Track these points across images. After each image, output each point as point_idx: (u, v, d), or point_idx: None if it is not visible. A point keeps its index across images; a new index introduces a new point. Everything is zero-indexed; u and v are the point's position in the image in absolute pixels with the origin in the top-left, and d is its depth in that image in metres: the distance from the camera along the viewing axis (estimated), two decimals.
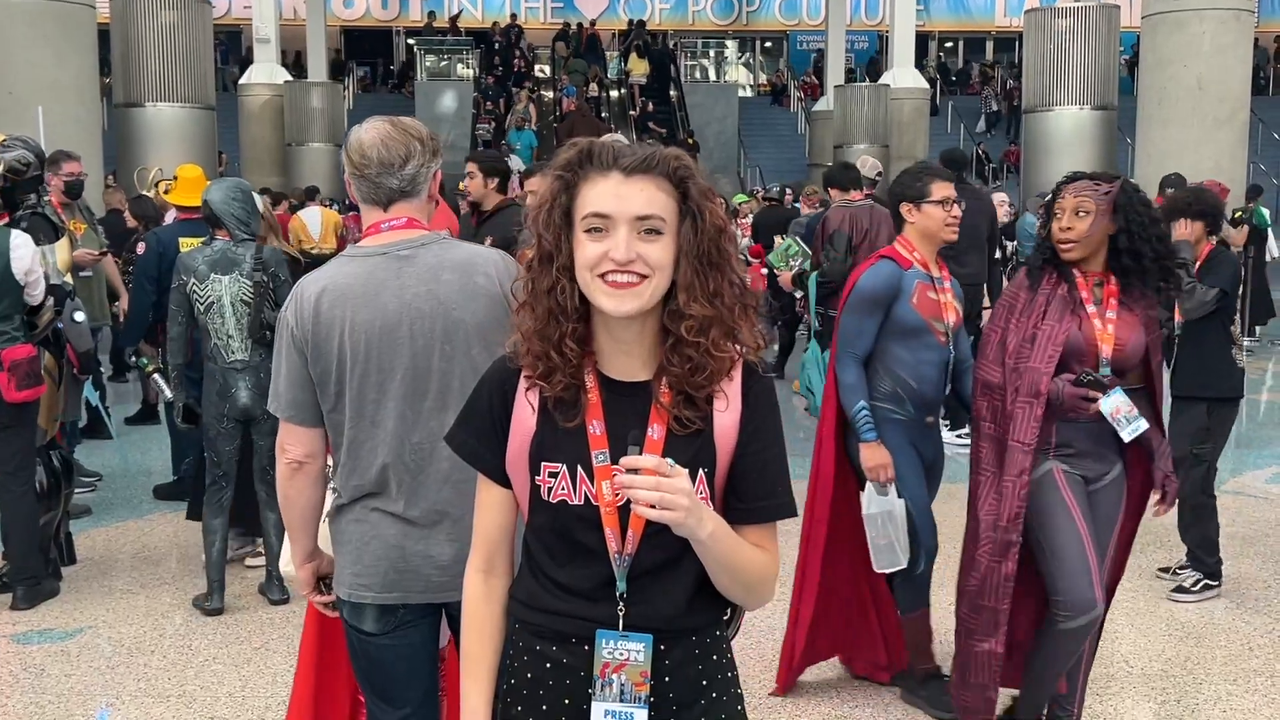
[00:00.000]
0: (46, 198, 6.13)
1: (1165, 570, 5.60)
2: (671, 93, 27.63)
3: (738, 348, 1.75)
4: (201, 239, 5.29)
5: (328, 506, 2.65)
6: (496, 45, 28.95)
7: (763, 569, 1.78)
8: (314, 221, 12.94)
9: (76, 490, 6.07)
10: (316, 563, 2.69)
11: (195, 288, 4.91)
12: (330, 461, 2.62)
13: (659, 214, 1.69)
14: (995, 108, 29.61)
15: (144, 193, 11.25)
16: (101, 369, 7.68)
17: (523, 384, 1.79)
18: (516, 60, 28.45)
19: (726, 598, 1.80)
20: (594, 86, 27.19)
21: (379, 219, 2.57)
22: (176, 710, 4.18)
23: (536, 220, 1.74)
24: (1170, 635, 4.86)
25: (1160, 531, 6.08)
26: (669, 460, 1.63)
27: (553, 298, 1.71)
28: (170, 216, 7.09)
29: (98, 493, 7.08)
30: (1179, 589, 5.34)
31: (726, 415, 1.76)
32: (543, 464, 1.75)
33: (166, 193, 6.89)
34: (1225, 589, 5.48)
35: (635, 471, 1.60)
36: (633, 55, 29.11)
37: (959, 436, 7.62)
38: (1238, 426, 9.27)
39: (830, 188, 8.00)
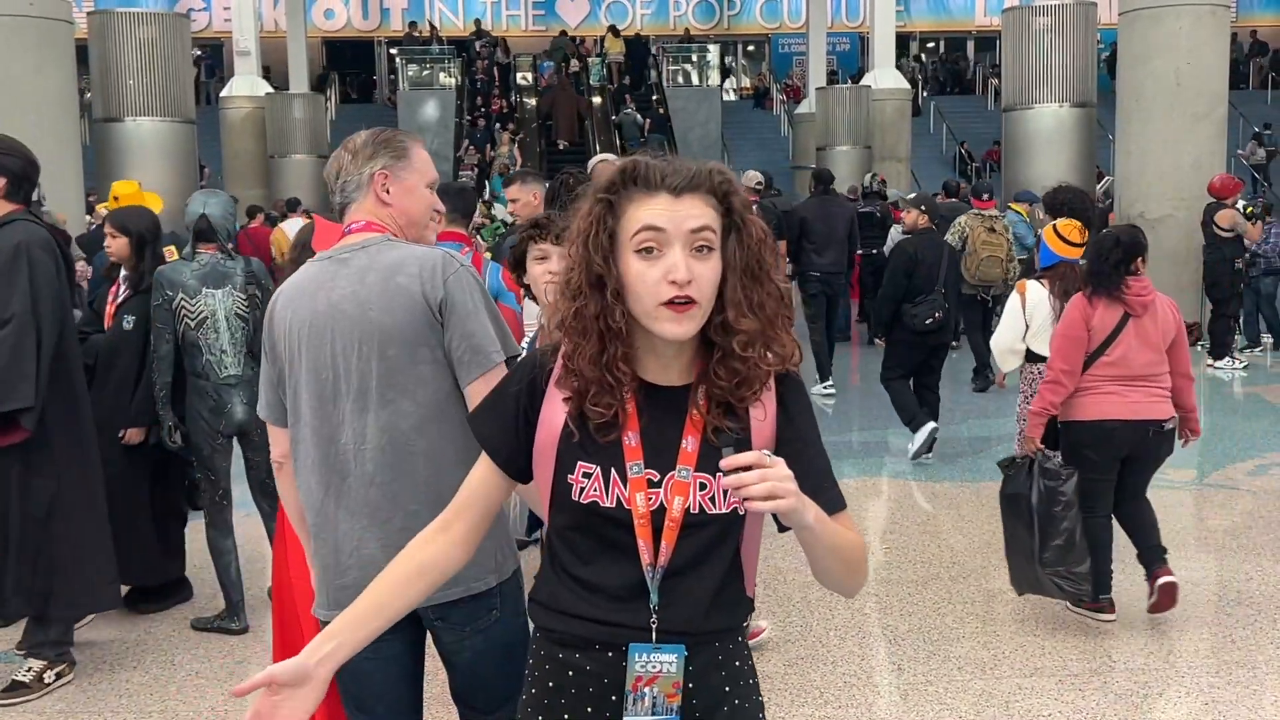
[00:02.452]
0: (45, 207, 6.11)
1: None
2: (651, 77, 27.82)
3: (773, 357, 1.74)
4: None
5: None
6: (478, 51, 28.87)
7: (860, 547, 1.78)
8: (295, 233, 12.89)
9: None
10: None
11: (185, 303, 4.83)
12: None
13: (709, 225, 1.69)
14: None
15: (99, 208, 11.22)
16: None
17: (555, 379, 1.77)
18: (486, 65, 28.26)
19: (827, 584, 1.80)
20: (574, 62, 27.38)
21: (341, 227, 2.67)
22: None
23: (585, 244, 1.70)
24: (1152, 628, 4.88)
25: None
26: (766, 451, 1.62)
27: (603, 322, 1.69)
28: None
29: None
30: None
31: (765, 424, 1.77)
32: (577, 463, 1.74)
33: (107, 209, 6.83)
34: (1208, 580, 5.50)
35: (737, 471, 1.59)
36: (608, 36, 29.58)
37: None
38: (1221, 418, 9.31)
39: None
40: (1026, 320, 5.79)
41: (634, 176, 1.71)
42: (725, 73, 31.69)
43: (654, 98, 27.70)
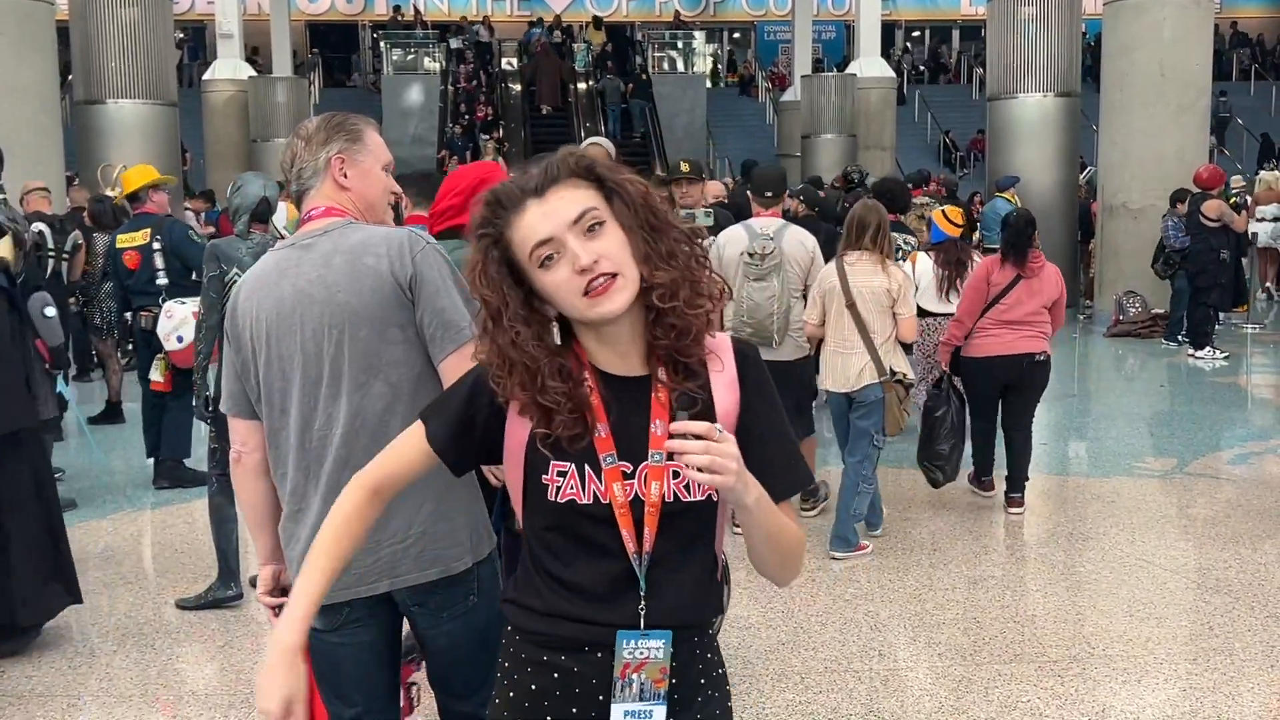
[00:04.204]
0: (2, 197, 6.06)
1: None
2: (637, 63, 27.96)
3: (702, 300, 1.72)
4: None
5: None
6: (461, 52, 28.56)
7: (798, 539, 1.80)
8: (280, 217, 12.84)
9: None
10: (278, 566, 2.65)
11: (239, 278, 4.81)
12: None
13: (590, 206, 1.68)
14: None
15: (108, 192, 11.16)
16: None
17: (520, 416, 1.75)
18: (470, 70, 27.95)
19: (761, 570, 1.82)
20: (557, 33, 27.46)
21: (302, 214, 2.63)
22: (139, 710, 4.15)
23: (476, 282, 1.71)
24: (1131, 616, 4.91)
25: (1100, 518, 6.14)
26: (718, 425, 1.63)
27: (519, 349, 1.68)
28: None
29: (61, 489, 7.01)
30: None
31: (726, 393, 1.76)
32: (550, 463, 1.73)
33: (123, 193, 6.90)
34: (1187, 568, 5.54)
35: (685, 438, 1.59)
36: (589, 27, 29.68)
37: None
38: (1201, 407, 9.36)
39: None
40: (915, 282, 7.04)
41: (498, 202, 1.71)
42: (730, 64, 31.95)
43: (641, 76, 27.83)
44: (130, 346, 8.21)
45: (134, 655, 4.64)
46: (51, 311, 5.61)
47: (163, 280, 6.92)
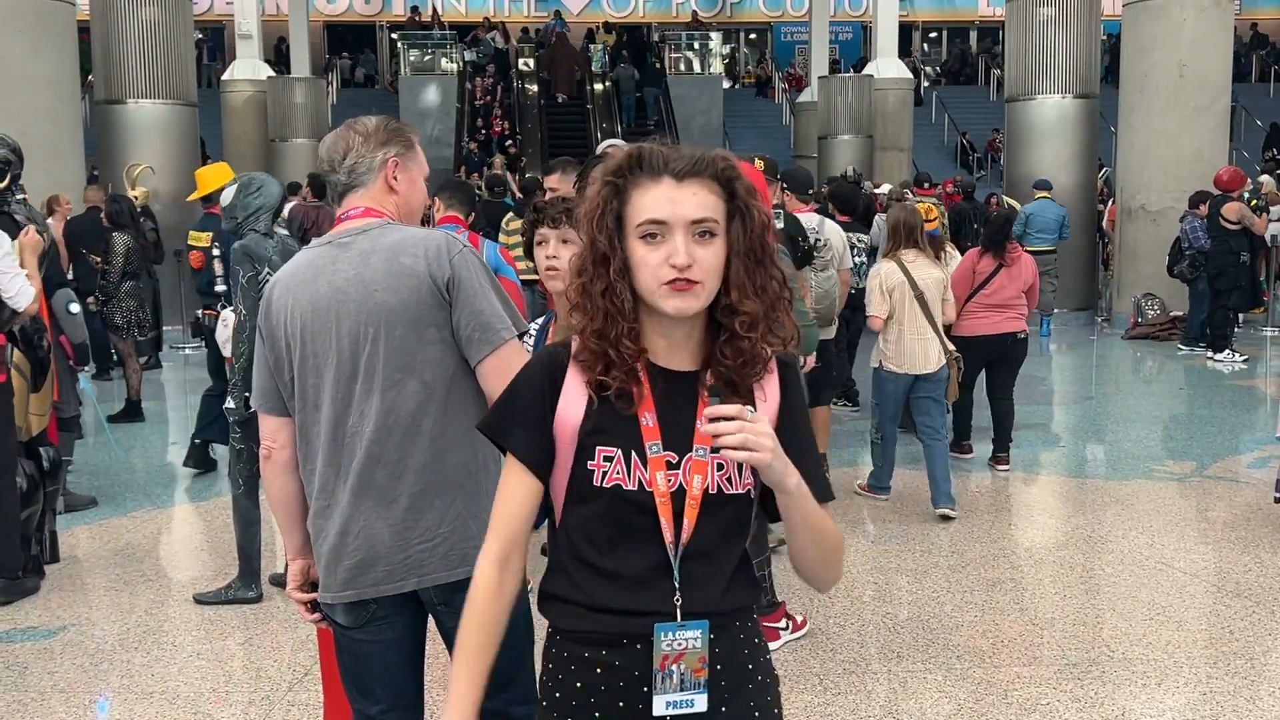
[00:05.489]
0: (21, 196, 6.10)
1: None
2: (654, 64, 28.05)
3: (774, 339, 1.79)
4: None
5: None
6: (479, 54, 28.48)
7: (838, 540, 1.83)
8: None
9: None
10: (307, 560, 2.67)
11: (270, 278, 4.82)
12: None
13: (712, 216, 1.73)
14: None
15: (133, 193, 11.24)
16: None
17: (573, 370, 1.80)
18: (487, 84, 27.72)
19: (802, 569, 1.84)
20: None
21: (339, 213, 2.64)
22: (160, 707, 4.18)
23: (590, 225, 1.76)
24: (1151, 619, 4.89)
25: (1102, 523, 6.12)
26: (750, 407, 1.68)
27: (608, 299, 1.74)
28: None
29: (82, 486, 7.06)
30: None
31: (768, 407, 1.81)
32: (598, 448, 1.76)
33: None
34: (1207, 572, 5.51)
35: (718, 421, 1.65)
36: (600, 31, 30.05)
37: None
38: (1221, 410, 9.32)
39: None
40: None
41: (639, 162, 1.75)
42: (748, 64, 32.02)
43: (655, 65, 27.99)
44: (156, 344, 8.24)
45: (155, 653, 4.66)
46: (75, 308, 5.67)
47: (221, 287, 6.91)
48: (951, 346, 6.46)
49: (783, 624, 4.65)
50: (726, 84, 29.13)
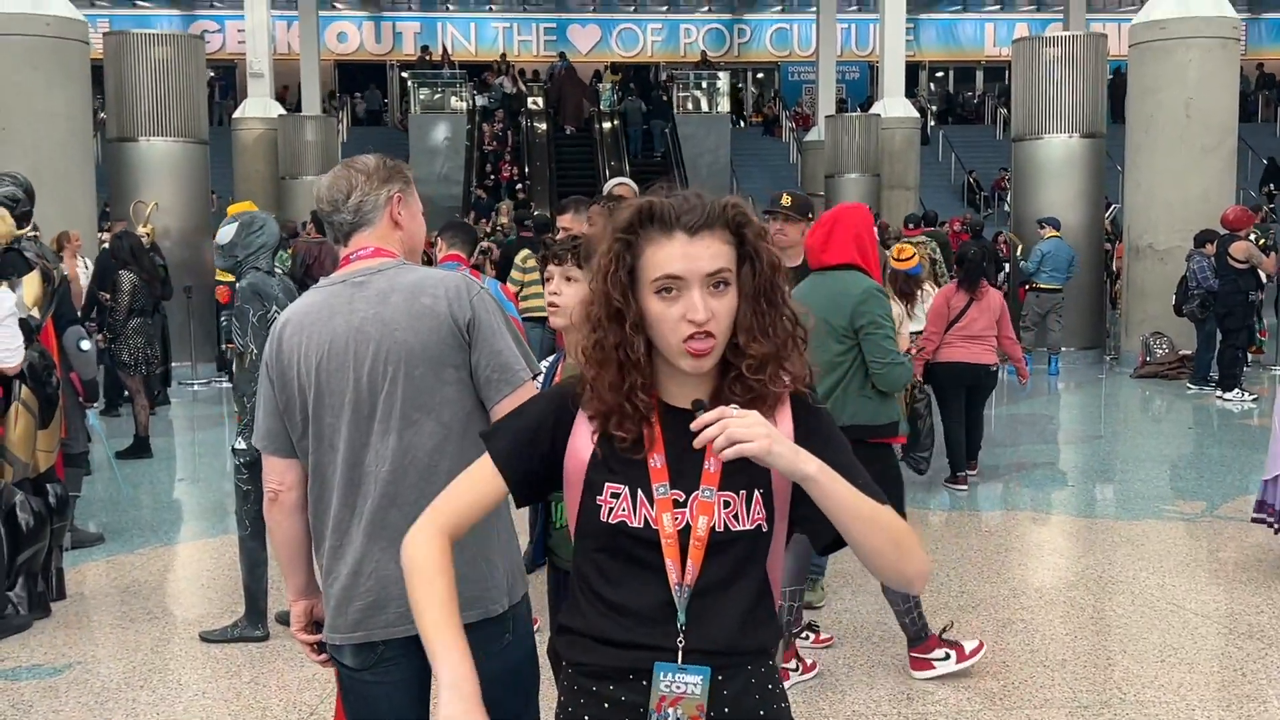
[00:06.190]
0: (34, 233, 6.14)
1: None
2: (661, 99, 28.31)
3: (786, 378, 1.78)
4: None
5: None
6: (490, 99, 28.59)
7: (904, 524, 1.73)
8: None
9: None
10: (310, 601, 2.66)
11: (276, 315, 4.79)
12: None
13: (726, 266, 1.73)
14: None
15: (142, 229, 11.30)
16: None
17: (583, 410, 1.80)
18: (497, 130, 27.72)
19: (878, 568, 1.73)
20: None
21: (346, 253, 2.64)
22: None
23: (604, 280, 1.75)
24: (1162, 661, 4.85)
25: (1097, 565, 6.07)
26: (733, 406, 1.67)
27: (622, 352, 1.74)
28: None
29: (90, 523, 7.05)
30: None
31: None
32: (605, 484, 1.77)
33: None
34: (1218, 613, 5.47)
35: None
36: (606, 71, 30.36)
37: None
38: (1231, 450, 9.28)
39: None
40: None
41: (651, 216, 1.74)
42: (756, 105, 32.23)
43: (662, 98, 28.19)
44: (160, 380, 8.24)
45: (160, 691, 4.64)
46: (87, 345, 5.69)
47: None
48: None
49: (793, 665, 4.62)
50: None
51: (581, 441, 1.80)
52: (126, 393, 9.98)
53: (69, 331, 6.05)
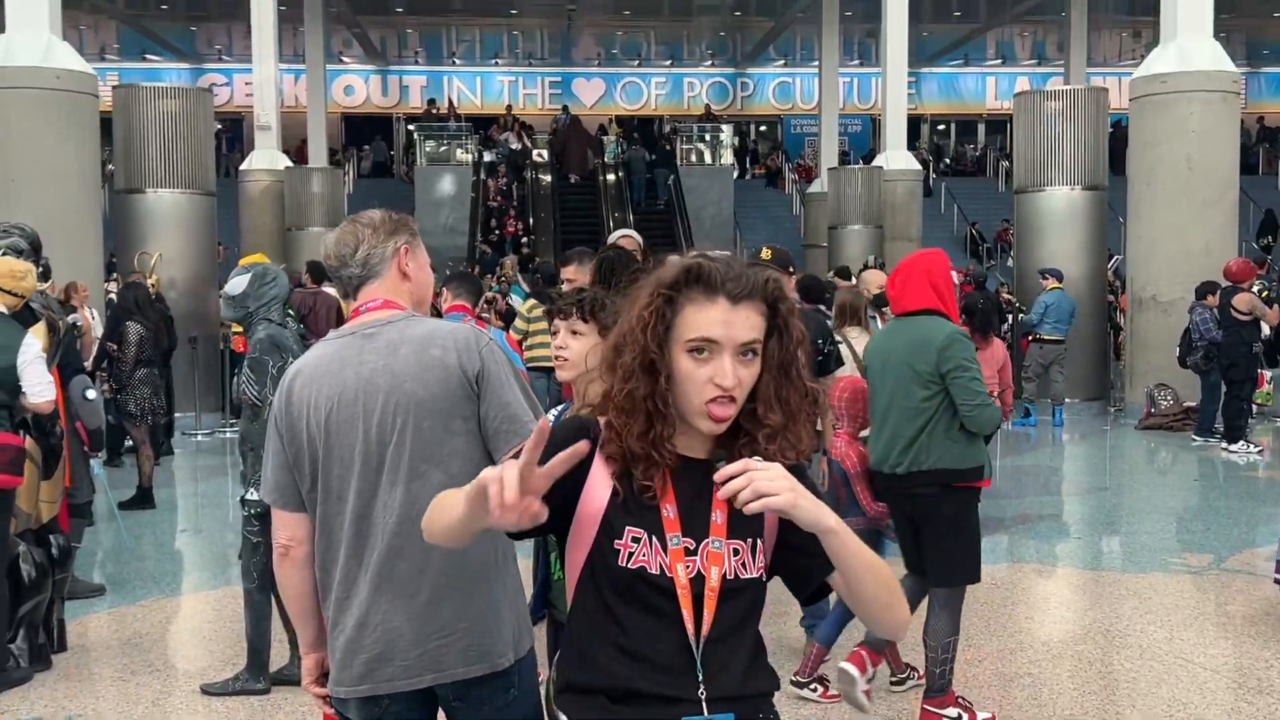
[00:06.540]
0: (41, 286, 6.17)
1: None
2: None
3: (791, 450, 1.82)
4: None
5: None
6: (497, 155, 28.78)
7: (892, 573, 1.83)
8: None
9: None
10: (322, 654, 2.65)
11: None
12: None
13: (758, 338, 1.79)
14: None
15: (149, 280, 11.36)
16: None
17: (600, 452, 1.82)
18: (502, 185, 27.89)
19: (871, 616, 1.82)
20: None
21: (356, 306, 2.66)
22: None
23: (643, 333, 1.78)
24: (1172, 717, 4.80)
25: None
26: (755, 458, 1.69)
27: (652, 403, 1.77)
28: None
29: (92, 574, 7.02)
30: None
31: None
32: (626, 528, 1.78)
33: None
34: (1227, 668, 5.42)
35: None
36: (613, 123, 30.65)
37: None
38: (1238, 502, 9.24)
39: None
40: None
41: (697, 277, 1.79)
42: (756, 157, 32.51)
43: (665, 147, 28.42)
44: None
45: None
46: (92, 394, 5.71)
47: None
48: None
49: (954, 713, 4.58)
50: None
51: (599, 481, 1.81)
52: (130, 443, 9.98)
53: (75, 381, 6.07)
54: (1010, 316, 15.22)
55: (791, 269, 6.40)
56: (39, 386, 5.16)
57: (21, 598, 5.31)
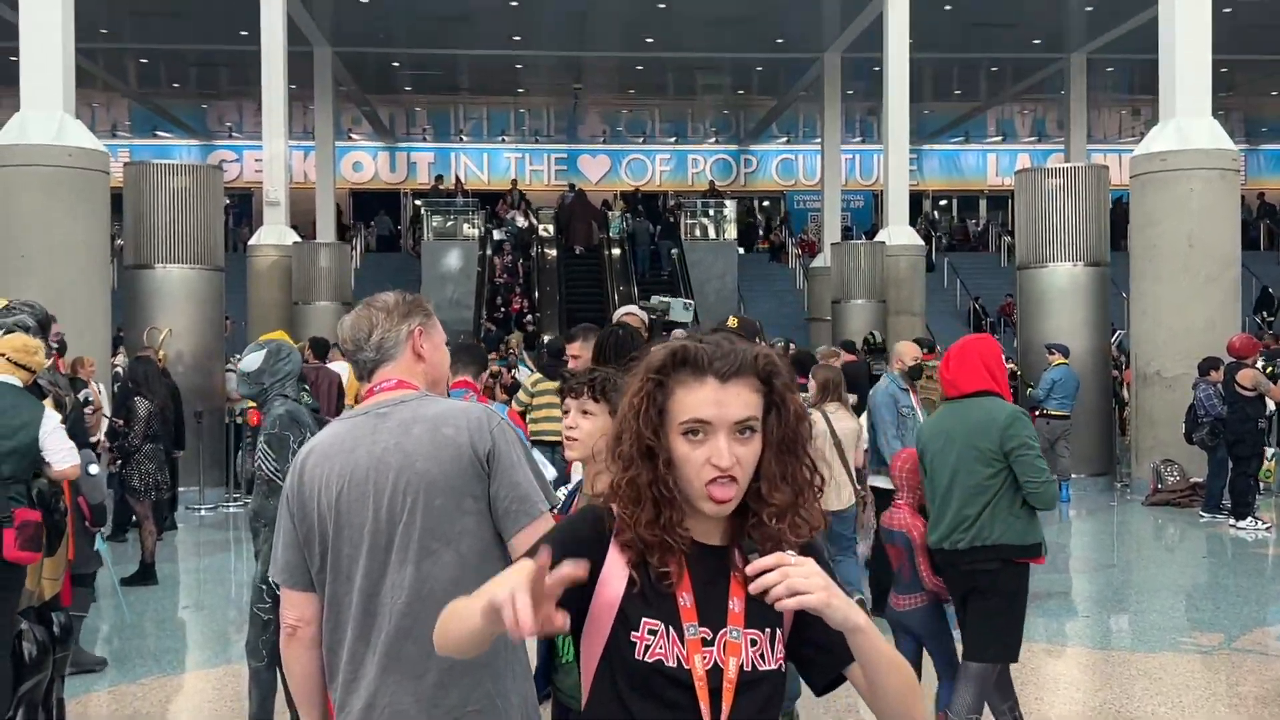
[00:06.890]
0: (48, 362, 6.19)
1: None
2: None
3: (802, 526, 1.80)
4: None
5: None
6: (505, 233, 28.96)
7: (912, 673, 1.81)
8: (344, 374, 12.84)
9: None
10: None
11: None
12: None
13: (753, 415, 1.77)
14: None
15: (157, 353, 11.41)
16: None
17: (615, 541, 1.81)
18: (507, 263, 28.06)
19: (887, 707, 1.79)
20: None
21: (370, 386, 2.69)
22: None
23: (636, 420, 1.78)
24: None
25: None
26: (790, 552, 1.67)
27: (656, 489, 1.76)
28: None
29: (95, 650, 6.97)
30: None
31: None
32: (643, 620, 1.76)
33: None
34: None
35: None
36: (618, 199, 30.89)
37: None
38: (1247, 580, 9.16)
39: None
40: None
41: (684, 359, 1.78)
42: (760, 230, 32.81)
43: (669, 220, 28.69)
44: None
45: None
46: (95, 469, 5.71)
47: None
48: (860, 488, 7.38)
49: None
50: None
51: (614, 569, 1.80)
52: (135, 518, 9.95)
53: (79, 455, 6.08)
54: (1015, 391, 15.22)
55: (760, 338, 6.44)
56: (63, 453, 5.21)
57: (22, 676, 5.27)
